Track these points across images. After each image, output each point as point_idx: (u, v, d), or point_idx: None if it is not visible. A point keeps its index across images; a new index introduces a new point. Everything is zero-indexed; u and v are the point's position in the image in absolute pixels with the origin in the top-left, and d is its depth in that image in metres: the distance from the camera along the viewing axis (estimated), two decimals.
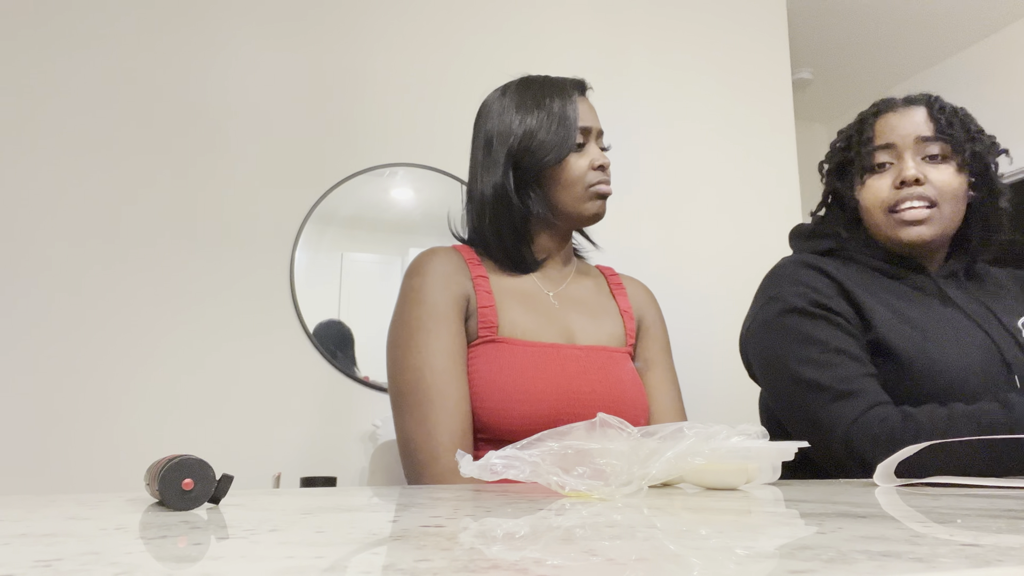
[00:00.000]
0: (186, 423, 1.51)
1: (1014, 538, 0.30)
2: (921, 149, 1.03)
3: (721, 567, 0.24)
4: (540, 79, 1.06)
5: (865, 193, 1.06)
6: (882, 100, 1.09)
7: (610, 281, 1.13)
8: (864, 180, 1.06)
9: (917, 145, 1.03)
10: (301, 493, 0.56)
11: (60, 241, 1.51)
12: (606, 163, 1.02)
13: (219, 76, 1.69)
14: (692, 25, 2.20)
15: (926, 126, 1.03)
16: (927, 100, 1.06)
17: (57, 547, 0.28)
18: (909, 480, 0.70)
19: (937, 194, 1.01)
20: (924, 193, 1.01)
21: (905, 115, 1.05)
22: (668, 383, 1.07)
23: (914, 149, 1.03)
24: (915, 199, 1.01)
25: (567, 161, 1.00)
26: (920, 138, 1.03)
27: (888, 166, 1.05)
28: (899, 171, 1.03)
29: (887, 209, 1.03)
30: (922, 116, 1.04)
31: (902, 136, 1.04)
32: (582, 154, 1.01)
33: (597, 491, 0.50)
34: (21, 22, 1.56)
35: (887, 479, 0.68)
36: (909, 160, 1.02)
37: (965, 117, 1.05)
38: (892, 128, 1.05)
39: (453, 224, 1.10)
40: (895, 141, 1.04)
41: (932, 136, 1.02)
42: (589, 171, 1.01)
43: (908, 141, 1.03)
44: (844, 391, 0.92)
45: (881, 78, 3.27)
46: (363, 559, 0.26)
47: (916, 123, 1.04)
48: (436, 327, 0.92)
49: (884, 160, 1.05)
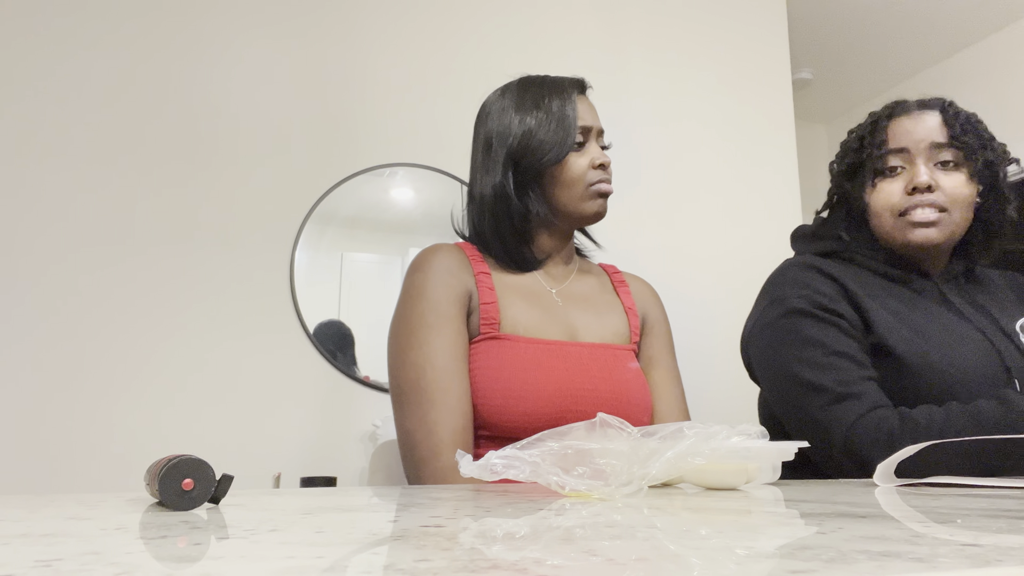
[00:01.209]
0: (186, 423, 1.51)
1: (1014, 538, 0.30)
2: (934, 155, 1.02)
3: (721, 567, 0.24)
4: (539, 79, 1.06)
5: (876, 196, 1.05)
6: (895, 102, 1.09)
7: (613, 279, 1.13)
8: (875, 183, 1.05)
9: (930, 151, 1.02)
10: (301, 493, 0.56)
11: (60, 242, 1.51)
12: (607, 161, 1.02)
13: (219, 76, 1.69)
14: (692, 25, 2.20)
15: (940, 132, 1.03)
16: (941, 105, 1.05)
17: (57, 547, 0.28)
18: (909, 480, 0.70)
19: (948, 201, 1.01)
20: (935, 200, 1.01)
21: (919, 120, 1.04)
22: (671, 381, 1.07)
23: (927, 155, 1.02)
24: (926, 206, 1.01)
25: (567, 160, 0.99)
26: (933, 144, 1.02)
27: (900, 170, 1.04)
28: (911, 177, 1.02)
29: (897, 213, 1.03)
30: (936, 121, 1.03)
31: (915, 141, 1.03)
32: (582, 153, 1.01)
33: (597, 491, 0.50)
34: (21, 28, 1.56)
35: (887, 479, 0.68)
36: (921, 166, 1.02)
37: (978, 124, 1.04)
38: (906, 132, 1.04)
39: (456, 221, 1.10)
40: (908, 146, 1.03)
41: (945, 142, 1.02)
42: (589, 170, 1.00)
43: (921, 146, 1.03)
44: (844, 393, 0.93)
45: (881, 78, 3.27)
46: (363, 559, 0.26)
47: (930, 128, 1.03)
48: (438, 324, 0.92)
49: (896, 164, 1.04)
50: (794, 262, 1.08)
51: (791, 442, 0.66)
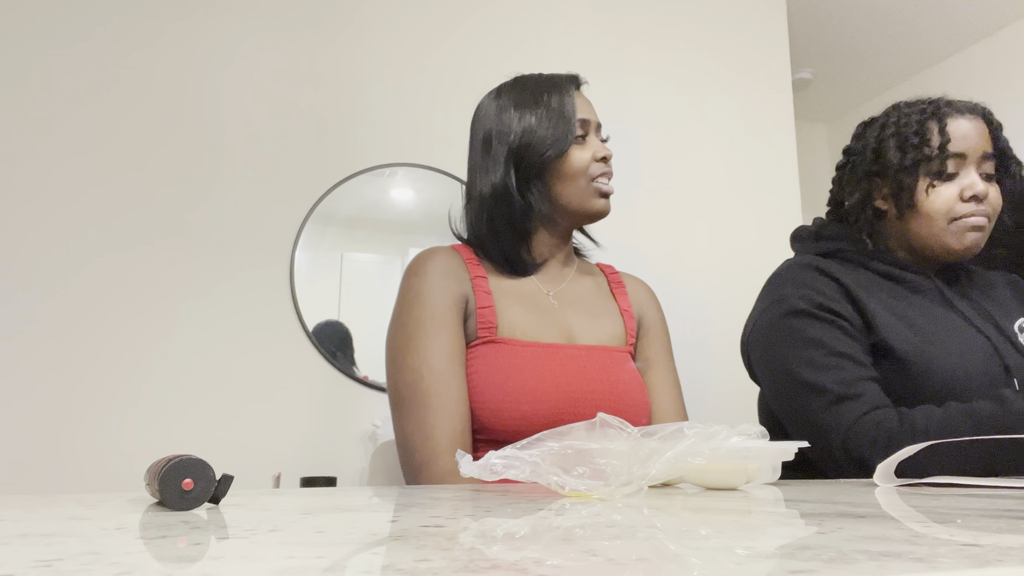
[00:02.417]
0: (186, 423, 1.51)
1: (1014, 538, 0.30)
2: (981, 164, 1.02)
3: (721, 567, 0.24)
4: (534, 77, 1.06)
5: (934, 199, 1.02)
6: (945, 101, 1.05)
7: (610, 280, 1.13)
8: (934, 184, 1.02)
9: (981, 159, 1.02)
10: (301, 493, 0.56)
11: (60, 243, 1.51)
12: (608, 154, 1.02)
13: (219, 76, 1.69)
14: (692, 25, 2.20)
15: (989, 141, 1.03)
16: (983, 113, 1.05)
17: (57, 547, 0.28)
18: (909, 480, 0.70)
19: (992, 212, 1.02)
20: (986, 210, 1.01)
21: (975, 125, 1.03)
22: (669, 383, 1.07)
23: (978, 163, 1.02)
24: (980, 214, 1.01)
25: (569, 154, 0.99)
26: (985, 153, 1.02)
27: (954, 175, 1.02)
28: (969, 184, 1.01)
29: (951, 218, 1.01)
30: (985, 129, 1.03)
31: (972, 148, 1.02)
32: (584, 146, 1.01)
33: (597, 491, 0.50)
34: (13, 22, 1.56)
35: (887, 479, 0.68)
36: (975, 173, 1.01)
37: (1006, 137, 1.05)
38: (965, 137, 1.02)
39: (453, 223, 1.10)
40: (966, 151, 1.02)
41: (993, 153, 1.02)
42: (592, 163, 1.00)
43: (976, 154, 1.02)
44: (845, 394, 0.93)
45: (881, 78, 3.27)
46: (363, 559, 0.26)
47: (982, 136, 1.02)
48: (435, 328, 0.92)
49: (952, 170, 1.02)
50: (795, 262, 1.08)
51: (791, 442, 0.66)
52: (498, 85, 1.07)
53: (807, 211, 2.27)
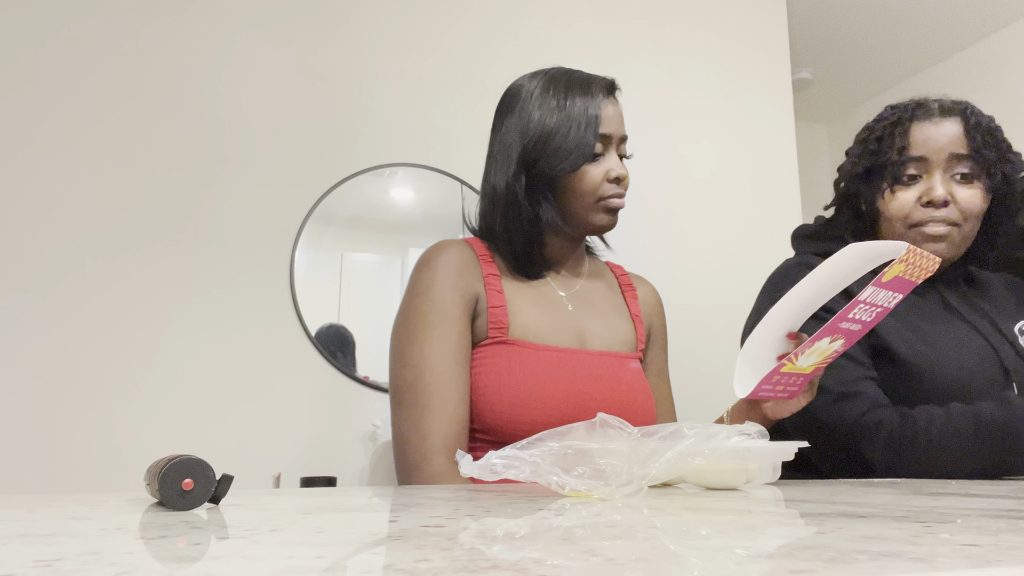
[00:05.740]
0: (186, 423, 1.51)
1: (1014, 538, 0.30)
2: (951, 166, 0.99)
3: (721, 567, 0.24)
4: (569, 73, 1.01)
5: (890, 204, 1.02)
6: (917, 103, 1.04)
7: (620, 281, 1.12)
8: (893, 190, 1.02)
9: (948, 162, 0.99)
10: (301, 493, 0.56)
11: (59, 244, 1.51)
12: (622, 175, 0.98)
13: (219, 75, 1.69)
14: (692, 26, 2.20)
15: (960, 142, 0.99)
16: (963, 112, 1.01)
17: (57, 547, 0.28)
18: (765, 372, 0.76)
19: (960, 215, 0.99)
20: (947, 215, 0.98)
21: (941, 127, 1.00)
22: (664, 391, 1.10)
23: (945, 165, 0.99)
24: (939, 220, 0.98)
25: (582, 170, 0.95)
26: (953, 155, 0.99)
27: (917, 179, 1.01)
28: (927, 188, 0.99)
29: (909, 225, 1.01)
30: (958, 130, 0.99)
31: (935, 151, 0.99)
32: (599, 164, 0.97)
33: (597, 491, 0.50)
34: (12, 21, 1.56)
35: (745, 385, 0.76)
36: (938, 178, 0.99)
37: (997, 132, 1.01)
38: (927, 140, 1.00)
39: (468, 217, 1.07)
40: (927, 155, 0.99)
41: (965, 154, 0.98)
42: (604, 183, 0.96)
43: (941, 157, 0.99)
44: (845, 393, 0.93)
45: (881, 78, 3.27)
46: (363, 559, 0.26)
47: (951, 138, 0.99)
48: (441, 325, 0.90)
49: (913, 172, 1.00)
50: (794, 262, 1.08)
51: (791, 442, 0.66)
52: (536, 71, 1.04)
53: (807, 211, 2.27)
